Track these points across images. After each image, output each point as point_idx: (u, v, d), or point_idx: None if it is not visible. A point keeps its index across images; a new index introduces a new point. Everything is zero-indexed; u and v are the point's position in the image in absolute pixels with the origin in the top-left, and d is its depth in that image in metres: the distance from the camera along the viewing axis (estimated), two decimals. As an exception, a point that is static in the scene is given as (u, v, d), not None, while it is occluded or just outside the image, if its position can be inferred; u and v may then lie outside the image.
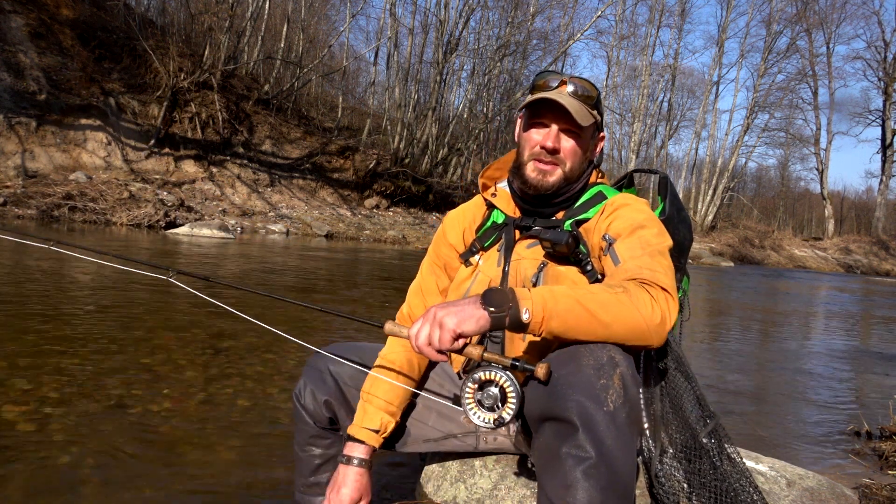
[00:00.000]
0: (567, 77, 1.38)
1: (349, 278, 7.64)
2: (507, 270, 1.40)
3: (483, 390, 1.10)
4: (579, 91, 1.37)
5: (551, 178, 1.37)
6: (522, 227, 1.43)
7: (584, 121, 1.34)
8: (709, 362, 4.46)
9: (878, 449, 2.59)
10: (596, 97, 1.39)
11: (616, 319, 1.10)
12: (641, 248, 1.24)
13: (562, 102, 1.32)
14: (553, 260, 1.35)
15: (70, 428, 2.04)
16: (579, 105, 1.35)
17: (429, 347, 1.08)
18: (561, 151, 1.37)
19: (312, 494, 1.52)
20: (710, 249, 26.98)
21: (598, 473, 1.00)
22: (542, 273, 1.35)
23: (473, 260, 1.48)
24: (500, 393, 1.09)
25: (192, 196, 14.96)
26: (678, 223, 1.53)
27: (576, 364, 1.09)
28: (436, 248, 1.58)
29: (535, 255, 1.38)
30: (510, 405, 1.09)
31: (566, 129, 1.37)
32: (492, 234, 1.47)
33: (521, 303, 1.07)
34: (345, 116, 22.48)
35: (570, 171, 1.38)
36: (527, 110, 1.42)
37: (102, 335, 3.30)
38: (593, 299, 1.11)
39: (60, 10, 15.63)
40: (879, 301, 12.79)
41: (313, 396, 1.47)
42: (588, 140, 1.41)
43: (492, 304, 1.06)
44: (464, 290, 1.47)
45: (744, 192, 46.33)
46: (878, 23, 37.54)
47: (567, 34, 28.02)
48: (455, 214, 1.59)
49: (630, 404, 1.08)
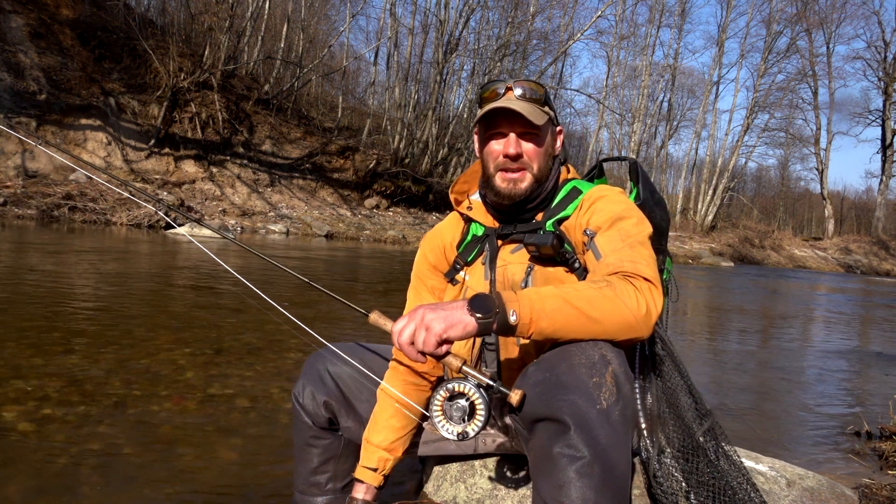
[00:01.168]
0: (511, 82, 1.39)
1: (349, 277, 7.65)
2: (494, 280, 1.39)
3: (453, 401, 1.09)
4: (527, 93, 1.37)
5: (522, 184, 1.38)
6: (504, 235, 1.42)
7: (538, 119, 1.35)
8: (709, 362, 4.46)
9: (878, 449, 2.59)
10: (543, 94, 1.40)
11: (604, 315, 1.11)
12: (621, 240, 1.25)
13: (513, 108, 1.33)
14: (539, 262, 1.35)
15: (70, 428, 2.04)
16: (530, 106, 1.36)
17: (410, 347, 1.07)
18: (524, 155, 1.37)
19: (312, 494, 1.52)
20: (710, 249, 26.98)
21: (592, 472, 1.00)
22: (531, 276, 1.34)
23: (459, 277, 1.47)
24: (470, 407, 1.08)
25: (192, 196, 14.97)
26: (653, 206, 1.54)
27: (567, 363, 1.09)
28: (418, 272, 1.55)
29: (520, 259, 1.38)
30: (477, 421, 1.07)
31: (523, 132, 1.37)
32: (474, 247, 1.46)
33: (508, 305, 1.07)
34: (345, 116, 22.49)
35: (539, 173, 1.39)
36: (481, 124, 1.41)
37: (102, 335, 3.30)
38: (580, 296, 1.11)
39: (60, 10, 15.64)
40: (879, 301, 12.78)
41: (312, 397, 1.47)
42: (548, 137, 1.42)
43: (479, 310, 1.05)
44: None
45: (744, 192, 46.34)
46: (878, 23, 37.53)
47: (567, 34, 28.02)
48: (431, 235, 1.57)
49: (624, 402, 1.07)
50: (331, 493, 1.52)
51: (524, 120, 1.34)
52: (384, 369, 1.51)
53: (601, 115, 35.79)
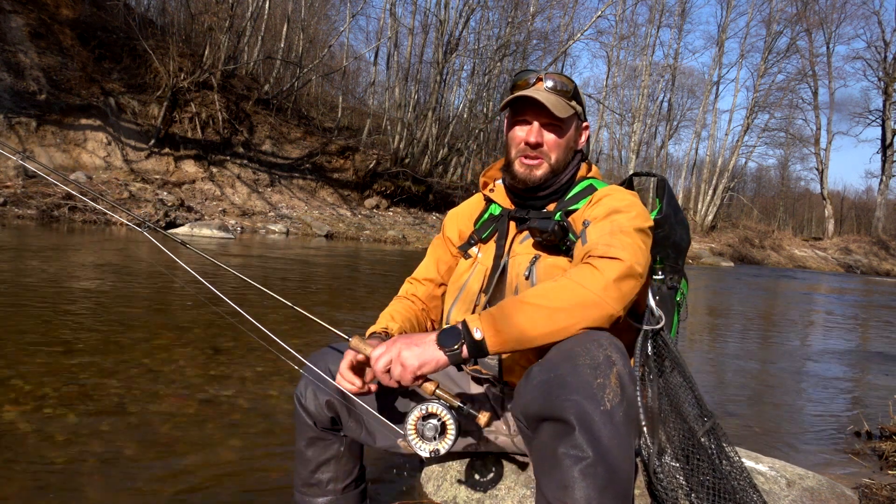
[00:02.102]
0: (543, 73, 1.44)
1: (350, 276, 7.64)
2: (506, 261, 1.45)
3: (426, 421, 1.18)
4: (557, 86, 1.42)
5: (538, 171, 1.44)
6: (517, 218, 1.49)
7: (562, 112, 1.40)
8: (709, 362, 4.46)
9: (878, 449, 2.59)
10: (573, 89, 1.45)
11: (563, 301, 1.14)
12: (609, 229, 1.28)
13: (538, 98, 1.38)
14: (544, 250, 1.40)
15: (70, 428, 2.04)
16: (556, 98, 1.40)
17: (386, 375, 1.16)
18: (544, 145, 1.43)
19: (312, 495, 1.52)
20: (710, 249, 26.98)
21: (596, 473, 1.00)
22: (535, 266, 1.39)
23: (472, 252, 1.55)
24: (441, 427, 1.17)
25: (192, 196, 14.97)
26: (675, 224, 1.55)
27: (572, 364, 1.09)
28: (435, 242, 1.67)
29: (527, 250, 1.42)
30: (447, 440, 1.16)
31: (546, 122, 1.43)
32: (489, 225, 1.54)
33: (472, 325, 1.13)
34: (345, 116, 22.48)
35: (556, 163, 1.44)
36: (509, 110, 1.48)
37: (102, 335, 3.30)
38: (535, 293, 1.16)
39: (60, 10, 15.63)
40: (879, 301, 12.78)
41: (314, 397, 1.47)
42: (571, 131, 1.46)
43: (446, 344, 1.12)
44: (462, 282, 1.51)
45: (744, 192, 46.34)
46: (878, 23, 37.53)
47: (567, 34, 28.03)
48: (453, 212, 1.68)
49: (627, 403, 1.08)
50: (332, 493, 1.51)
51: (548, 111, 1.39)
52: None
53: (601, 115, 35.78)
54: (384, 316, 1.53)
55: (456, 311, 1.50)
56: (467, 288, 1.49)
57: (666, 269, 1.56)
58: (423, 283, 1.63)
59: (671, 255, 1.56)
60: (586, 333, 1.18)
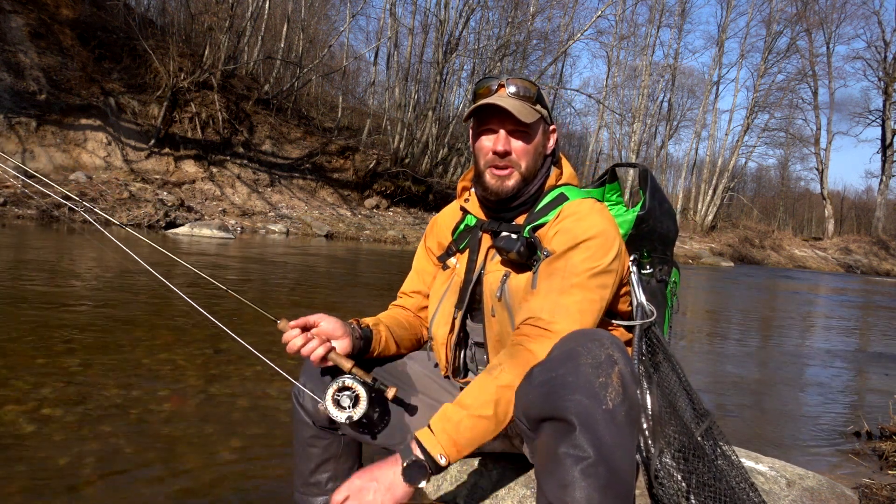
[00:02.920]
0: (505, 79, 1.40)
1: (350, 277, 7.64)
2: (481, 274, 1.43)
3: (342, 392, 1.32)
4: (520, 91, 1.38)
5: (509, 181, 1.39)
6: (490, 230, 1.45)
7: (528, 118, 1.36)
8: (709, 362, 4.46)
9: (878, 449, 2.59)
10: (536, 93, 1.40)
11: (507, 405, 1.18)
12: (561, 279, 1.26)
13: (502, 105, 1.34)
14: (513, 268, 1.37)
15: (70, 428, 2.04)
16: (521, 104, 1.37)
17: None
18: (513, 153, 1.38)
19: (311, 494, 1.52)
20: (710, 249, 26.98)
21: (597, 473, 1.00)
22: (506, 286, 1.36)
23: (451, 263, 1.53)
24: (355, 398, 1.32)
25: (192, 196, 14.97)
26: (661, 216, 1.54)
27: (573, 363, 1.09)
28: (419, 253, 1.67)
29: (496, 268, 1.40)
30: (360, 408, 1.31)
31: (513, 129, 1.38)
32: (465, 237, 1.51)
33: (434, 452, 1.15)
34: (345, 116, 22.48)
35: (527, 171, 1.40)
36: (474, 120, 1.44)
37: (103, 335, 3.30)
38: (482, 402, 1.18)
39: (60, 10, 15.64)
40: (879, 301, 12.78)
41: (312, 396, 1.47)
42: (538, 136, 1.42)
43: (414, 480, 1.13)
44: (440, 296, 1.50)
45: (744, 192, 46.34)
46: (878, 23, 37.55)
47: (567, 34, 28.01)
48: (435, 221, 1.65)
49: (629, 402, 1.07)
50: (331, 492, 1.51)
51: (513, 118, 1.35)
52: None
53: (601, 115, 35.80)
54: (374, 318, 1.55)
55: (436, 325, 1.49)
56: (446, 300, 1.48)
57: (654, 261, 1.55)
58: (411, 295, 1.64)
59: (658, 247, 1.54)
60: (587, 332, 1.18)
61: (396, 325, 1.55)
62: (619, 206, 1.67)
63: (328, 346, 1.35)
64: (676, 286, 1.63)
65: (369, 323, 1.49)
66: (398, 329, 1.55)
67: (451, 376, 1.51)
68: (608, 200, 1.67)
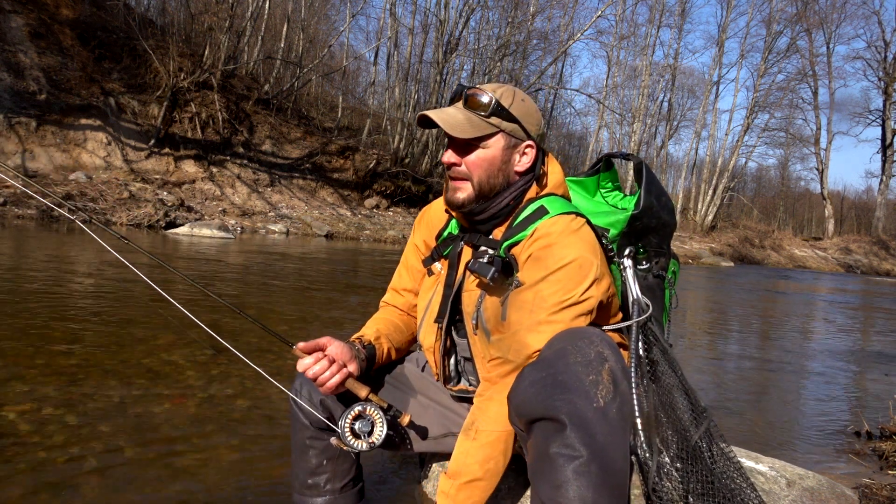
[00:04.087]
0: (469, 88, 1.33)
1: (349, 278, 7.64)
2: (453, 287, 1.40)
3: (358, 421, 1.29)
4: (472, 103, 1.31)
5: (460, 194, 1.34)
6: (470, 243, 1.41)
7: (464, 133, 1.28)
8: (708, 362, 4.46)
9: (878, 449, 2.59)
10: (492, 105, 1.30)
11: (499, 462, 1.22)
12: (529, 312, 1.23)
13: (430, 116, 1.28)
14: (488, 290, 1.33)
15: (70, 428, 2.04)
16: (465, 116, 1.30)
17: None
18: (462, 164, 1.33)
19: (310, 495, 1.52)
20: (710, 249, 26.97)
21: (590, 471, 1.00)
22: (480, 309, 1.33)
23: (435, 269, 1.49)
24: (370, 426, 1.29)
25: (192, 196, 14.96)
26: (659, 210, 1.51)
27: (564, 362, 1.09)
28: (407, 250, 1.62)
29: (472, 287, 1.37)
30: (377, 437, 1.28)
31: (464, 142, 1.32)
32: (449, 244, 1.47)
33: None
34: (345, 116, 22.47)
35: (480, 187, 1.32)
36: None
37: (102, 335, 3.30)
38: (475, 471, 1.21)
39: (60, 10, 15.63)
40: (879, 301, 12.78)
41: (309, 396, 1.47)
42: (496, 150, 1.32)
43: None
44: (426, 303, 1.48)
45: (744, 192, 46.34)
46: (878, 23, 37.54)
47: (567, 34, 28.00)
48: (422, 215, 1.60)
49: (621, 399, 1.07)
50: (329, 493, 1.52)
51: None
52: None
53: (601, 115, 35.80)
54: (369, 324, 1.54)
55: (423, 334, 1.48)
56: (429, 311, 1.46)
57: (650, 255, 1.53)
58: (401, 293, 1.61)
59: (653, 241, 1.53)
60: (576, 331, 1.18)
61: (395, 332, 1.54)
62: (617, 192, 1.65)
63: (345, 374, 1.32)
64: (676, 277, 1.61)
65: (371, 339, 1.46)
66: (396, 336, 1.54)
67: (443, 383, 1.51)
68: (603, 188, 1.64)
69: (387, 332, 1.52)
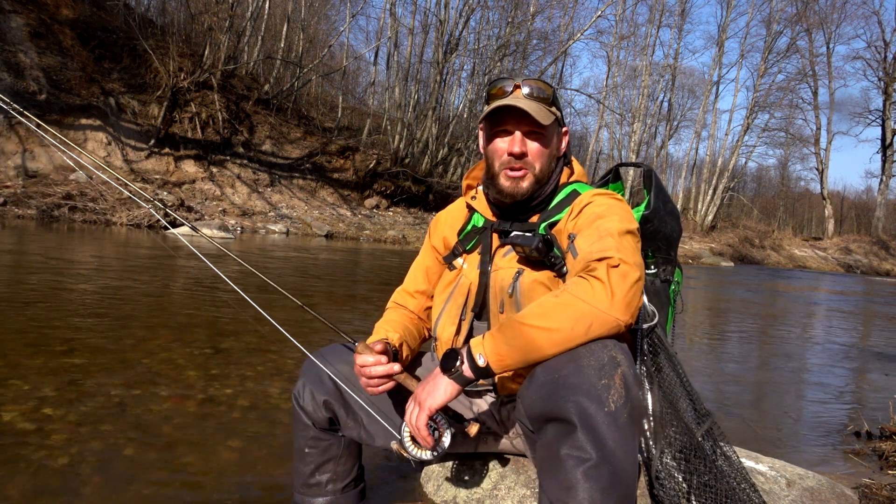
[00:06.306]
0: (520, 80, 1.38)
1: (349, 277, 7.64)
2: (489, 274, 1.41)
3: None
4: (535, 92, 1.37)
5: (524, 183, 1.38)
6: (501, 231, 1.44)
7: (545, 119, 1.35)
8: (709, 362, 4.46)
9: (878, 449, 2.59)
10: (552, 94, 1.39)
11: (563, 321, 1.11)
12: (598, 235, 1.24)
13: (520, 106, 1.32)
14: (528, 265, 1.35)
15: (70, 428, 2.04)
16: (537, 105, 1.35)
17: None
18: (528, 154, 1.37)
19: (311, 495, 1.52)
20: (710, 249, 26.97)
21: (599, 474, 1.00)
22: (518, 282, 1.34)
23: (457, 263, 1.50)
24: (437, 434, 1.25)
25: (192, 196, 14.96)
26: (665, 215, 1.54)
27: (576, 364, 1.09)
28: (424, 249, 1.64)
29: (510, 264, 1.37)
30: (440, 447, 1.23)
31: (528, 131, 1.37)
32: (473, 237, 1.49)
33: (475, 350, 1.14)
34: (345, 116, 22.47)
35: (541, 173, 1.39)
36: (487, 121, 1.42)
37: (102, 335, 3.30)
38: (534, 314, 1.13)
39: (60, 10, 15.63)
40: (879, 301, 12.78)
41: (312, 397, 1.47)
42: (552, 138, 1.41)
43: (447, 368, 1.16)
44: (447, 295, 1.48)
45: (744, 192, 46.36)
46: (878, 23, 37.53)
47: (567, 34, 28.01)
48: (438, 218, 1.63)
49: (632, 404, 1.07)
50: (331, 493, 1.52)
51: (531, 119, 1.34)
52: None
53: (601, 115, 35.80)
54: (380, 327, 1.50)
55: (441, 326, 1.47)
56: (452, 301, 1.46)
57: (658, 261, 1.55)
58: (413, 295, 1.60)
59: (662, 247, 1.54)
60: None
61: (411, 338, 1.52)
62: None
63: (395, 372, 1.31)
64: (679, 286, 1.63)
65: (396, 343, 1.45)
66: (412, 341, 1.52)
67: None
68: None
69: (405, 336, 1.50)
